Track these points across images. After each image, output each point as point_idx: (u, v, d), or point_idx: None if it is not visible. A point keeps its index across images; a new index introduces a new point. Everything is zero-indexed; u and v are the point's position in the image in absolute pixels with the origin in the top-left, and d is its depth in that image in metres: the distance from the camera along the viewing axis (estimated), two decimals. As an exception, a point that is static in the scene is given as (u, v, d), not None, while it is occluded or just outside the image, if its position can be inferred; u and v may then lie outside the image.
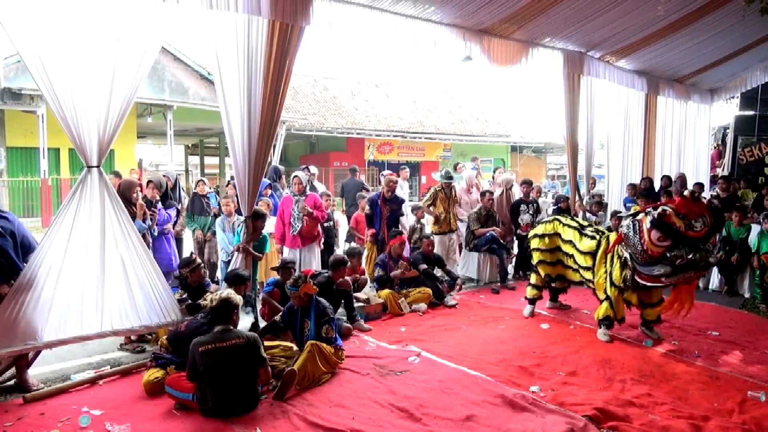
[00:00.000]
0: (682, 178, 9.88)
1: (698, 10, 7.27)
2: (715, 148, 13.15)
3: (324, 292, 5.28)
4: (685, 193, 4.79)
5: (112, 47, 4.21)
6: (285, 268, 5.64)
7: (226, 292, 3.92)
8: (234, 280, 4.86)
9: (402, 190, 9.48)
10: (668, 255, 4.64)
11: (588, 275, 5.57)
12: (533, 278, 6.28)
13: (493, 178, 10.59)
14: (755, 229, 7.18)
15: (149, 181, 5.92)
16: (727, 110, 13.33)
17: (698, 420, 3.67)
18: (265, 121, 5.11)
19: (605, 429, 3.54)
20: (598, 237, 5.55)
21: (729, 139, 11.81)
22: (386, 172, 7.83)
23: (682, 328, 5.75)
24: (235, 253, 5.35)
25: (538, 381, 4.31)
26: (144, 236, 4.92)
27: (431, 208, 8.02)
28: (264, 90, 5.05)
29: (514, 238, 8.47)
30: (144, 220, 5.17)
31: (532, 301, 6.26)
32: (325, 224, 7.36)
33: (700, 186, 9.45)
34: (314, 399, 3.95)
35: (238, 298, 3.92)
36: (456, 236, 8.27)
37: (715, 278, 7.65)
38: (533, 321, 6.06)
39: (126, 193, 5.00)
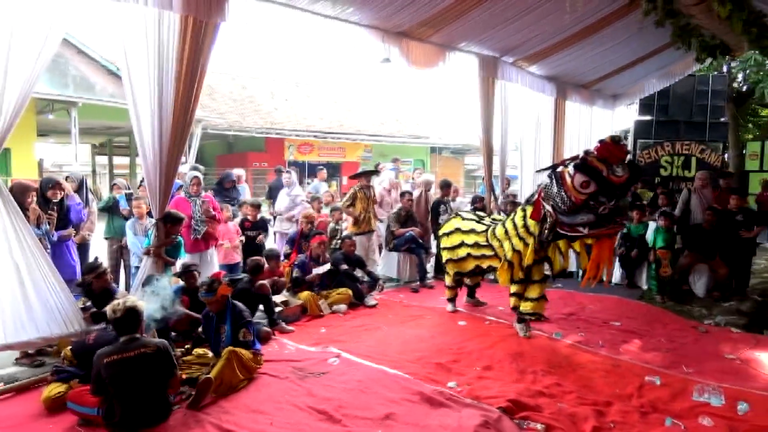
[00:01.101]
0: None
1: (601, 20, 7.73)
2: (617, 150, 14.00)
3: (244, 296, 5.16)
4: (606, 137, 4.73)
5: (5, 37, 3.90)
6: (188, 272, 5.44)
7: (131, 299, 3.73)
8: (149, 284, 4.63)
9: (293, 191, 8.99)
10: (591, 203, 4.58)
11: (489, 262, 5.80)
12: (447, 279, 6.50)
13: (412, 178, 10.76)
14: (652, 225, 7.75)
15: (66, 177, 5.55)
16: (627, 115, 14.23)
17: (601, 406, 3.91)
18: (178, 120, 4.90)
19: (517, 419, 3.69)
20: (492, 224, 5.86)
21: (629, 142, 12.63)
22: (306, 213, 7.60)
23: (587, 320, 6.11)
24: (145, 258, 5.10)
25: (455, 377, 4.43)
26: (40, 241, 4.58)
27: (350, 209, 8.04)
28: (176, 87, 4.83)
29: (433, 237, 8.65)
30: (39, 226, 4.82)
31: (452, 300, 6.50)
32: (251, 232, 7.14)
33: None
34: (230, 406, 3.85)
35: (144, 306, 3.74)
36: (375, 236, 8.33)
37: (617, 272, 8.16)
38: (451, 319, 6.21)
39: (19, 198, 4.63)
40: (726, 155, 12.11)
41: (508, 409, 3.78)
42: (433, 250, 8.65)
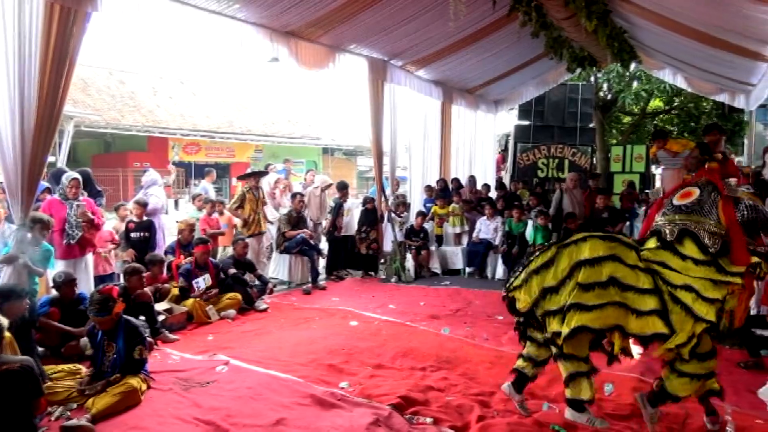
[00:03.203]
0: (472, 180, 10.96)
1: (482, 29, 8.14)
2: (499, 153, 14.83)
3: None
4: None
5: None
6: (68, 282, 5.00)
7: None
8: (5, 296, 4.17)
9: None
10: None
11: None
12: (566, 365, 3.67)
13: (305, 179, 10.67)
14: (530, 223, 8.26)
15: None
16: (508, 119, 15.09)
17: (486, 396, 4.10)
18: (43, 116, 4.50)
19: (408, 415, 3.77)
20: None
21: (510, 145, 13.39)
22: (186, 219, 7.22)
23: (473, 315, 6.38)
24: (4, 266, 4.59)
25: (346, 377, 4.44)
26: None
27: (239, 211, 7.81)
28: (41, 80, 4.45)
29: (325, 238, 8.66)
30: None
31: (588, 404, 3.65)
32: (135, 234, 6.69)
33: (486, 187, 10.60)
34: (107, 425, 3.58)
35: (5, 321, 3.38)
36: (266, 238, 8.17)
37: (499, 268, 8.61)
38: (342, 319, 6.21)
39: None
40: (594, 158, 13.16)
41: (398, 405, 3.84)
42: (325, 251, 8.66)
